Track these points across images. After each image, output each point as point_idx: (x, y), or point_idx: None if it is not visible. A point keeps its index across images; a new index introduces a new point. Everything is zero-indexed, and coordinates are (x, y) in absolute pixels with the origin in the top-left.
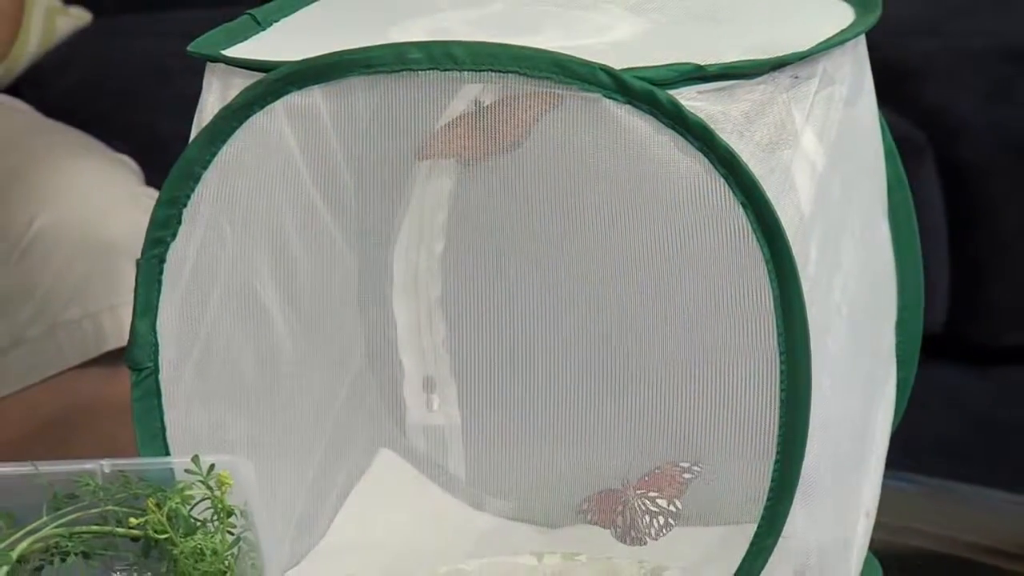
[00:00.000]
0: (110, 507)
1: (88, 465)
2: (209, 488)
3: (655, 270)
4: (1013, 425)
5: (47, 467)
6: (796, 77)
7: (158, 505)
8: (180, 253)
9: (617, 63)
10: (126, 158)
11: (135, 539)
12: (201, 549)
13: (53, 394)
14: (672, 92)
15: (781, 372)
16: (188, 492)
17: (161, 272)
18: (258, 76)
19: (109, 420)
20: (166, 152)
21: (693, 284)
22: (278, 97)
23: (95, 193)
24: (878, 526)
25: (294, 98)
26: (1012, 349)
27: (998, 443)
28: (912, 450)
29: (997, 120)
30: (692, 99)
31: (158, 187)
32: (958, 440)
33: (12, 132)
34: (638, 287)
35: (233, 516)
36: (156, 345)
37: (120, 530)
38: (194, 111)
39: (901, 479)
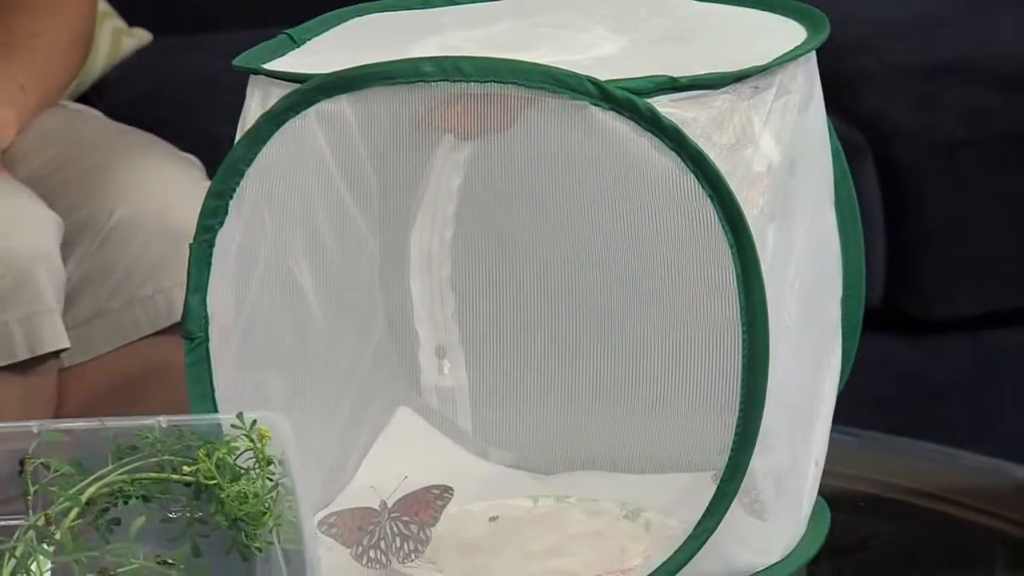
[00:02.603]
0: (166, 457)
1: (147, 421)
2: (251, 440)
3: (634, 253)
4: (940, 386)
5: (112, 422)
6: (756, 87)
7: (208, 455)
8: (227, 238)
9: (602, 75)
10: (191, 156)
11: (188, 484)
12: (245, 493)
13: (129, 359)
14: (649, 100)
15: (743, 341)
16: (233, 444)
17: (211, 255)
18: (293, 87)
19: (177, 382)
20: (216, 153)
21: (667, 265)
22: (311, 105)
23: (166, 187)
24: (826, 474)
25: (325, 105)
26: (940, 321)
27: (928, 402)
28: (855, 408)
29: (924, 126)
30: (666, 106)
31: None
32: (894, 399)
33: (91, 135)
34: (619, 267)
35: (272, 465)
36: (206, 318)
37: (175, 477)
38: (239, 118)
39: (846, 433)
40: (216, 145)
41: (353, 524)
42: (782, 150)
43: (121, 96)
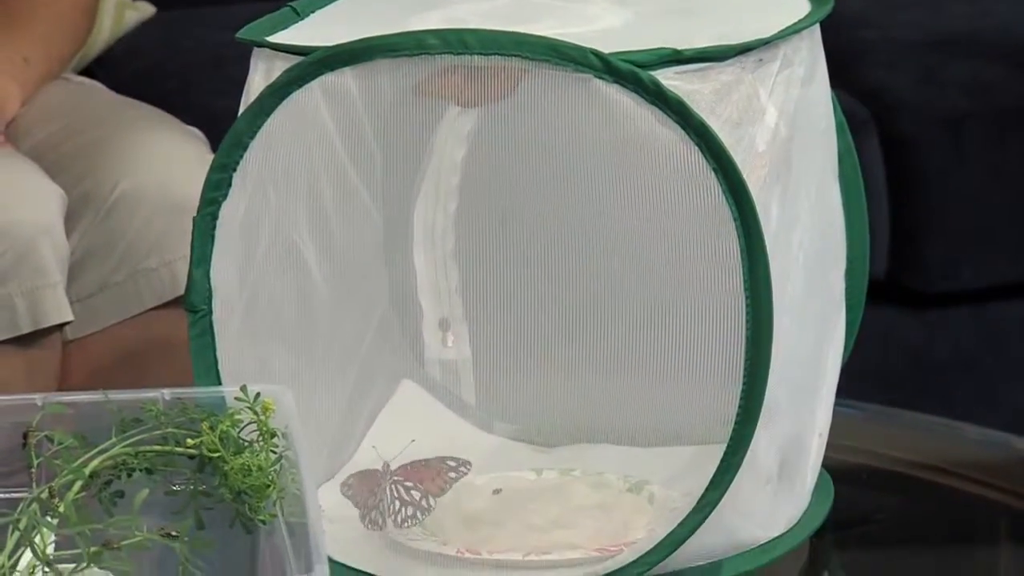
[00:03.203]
0: (170, 430)
1: (151, 394)
2: (255, 413)
3: (638, 225)
4: (943, 359)
5: (116, 395)
6: (760, 60)
7: (211, 428)
8: (231, 211)
9: (606, 48)
10: (195, 130)
11: (191, 457)
12: (248, 466)
13: (133, 332)
14: (653, 73)
15: (747, 313)
16: (237, 417)
17: (214, 228)
18: (297, 59)
19: (182, 355)
20: (220, 126)
21: (671, 238)
22: (314, 77)
23: (170, 160)
24: (829, 446)
25: (328, 78)
26: (942, 295)
27: (931, 375)
28: (858, 381)
29: (928, 99)
30: (670, 79)
31: None
32: (897, 372)
33: (94, 108)
34: (624, 239)
35: (276, 438)
36: (210, 291)
37: (178, 449)
38: (242, 91)
39: (849, 405)
40: (220, 118)
41: (365, 486)
42: (786, 123)
43: (124, 69)
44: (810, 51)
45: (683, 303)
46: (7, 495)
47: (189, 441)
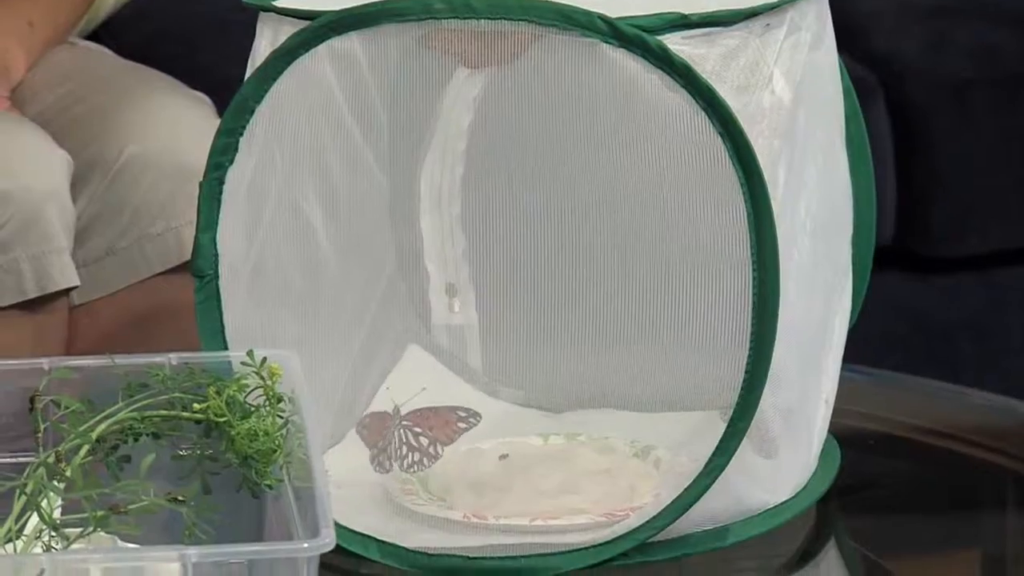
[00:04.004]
0: (177, 394)
1: (158, 358)
2: (262, 378)
3: (644, 192)
4: (948, 324)
5: (122, 360)
6: (767, 25)
7: (218, 393)
8: (237, 176)
9: (612, 13)
10: (201, 94)
11: (198, 422)
12: (255, 430)
13: (140, 297)
14: (660, 37)
15: (753, 279)
16: (244, 382)
17: (221, 193)
18: (304, 24)
19: (188, 320)
20: (226, 91)
21: (678, 204)
22: (321, 42)
23: (177, 125)
24: (836, 412)
25: (335, 43)
26: (949, 260)
27: (937, 340)
28: (865, 346)
29: (935, 64)
30: (677, 44)
31: None
32: (904, 337)
33: (101, 72)
34: (629, 205)
35: (282, 402)
36: (216, 256)
37: (185, 414)
38: (248, 58)
39: (855, 371)
40: (226, 83)
41: (376, 426)
42: (793, 88)
43: (131, 34)
44: (817, 16)
45: (690, 269)
46: (14, 459)
47: (196, 406)
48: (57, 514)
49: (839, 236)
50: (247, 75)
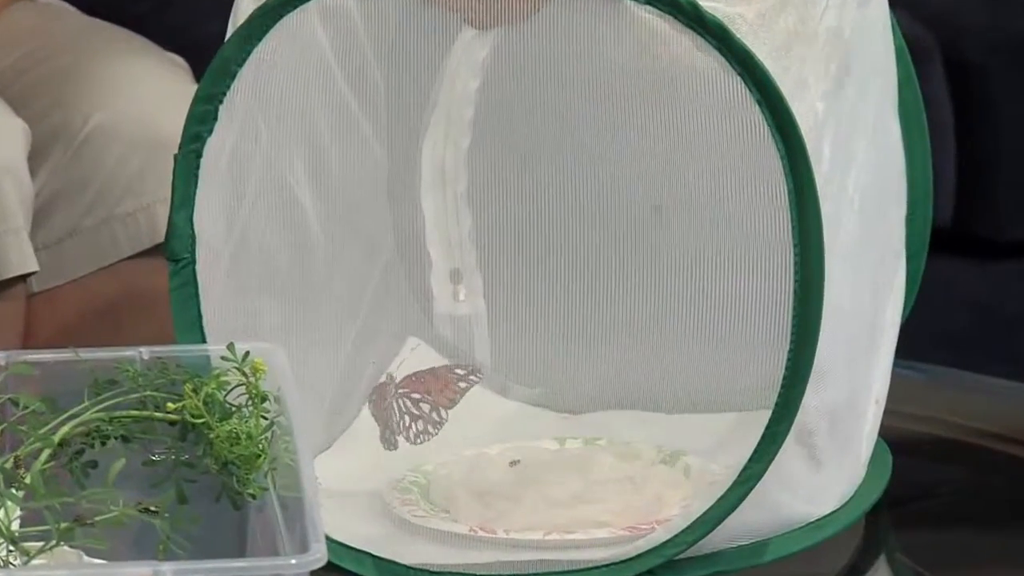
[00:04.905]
0: (149, 393)
1: (127, 352)
2: (244, 374)
3: (671, 165)
4: (1013, 315)
5: (88, 354)
6: None
7: (195, 391)
8: (216, 148)
9: None
10: (176, 57)
11: (172, 423)
12: (236, 433)
13: (107, 283)
14: None
15: (795, 263)
16: (224, 378)
17: (198, 167)
18: None
19: (162, 309)
20: (204, 52)
21: (710, 179)
22: None
23: (149, 90)
24: (887, 413)
25: None
26: (1013, 244)
27: (998, 333)
28: (919, 340)
29: (997, 22)
30: (710, 1)
31: None
32: (963, 330)
33: (65, 32)
34: (656, 181)
35: (267, 402)
36: (193, 237)
37: (158, 415)
38: (228, 15)
39: (910, 367)
40: (204, 44)
41: (380, 400)
42: (840, 50)
43: None
44: None
45: (723, 252)
46: None
47: (170, 405)
48: (15, 526)
49: (891, 215)
50: (228, 34)
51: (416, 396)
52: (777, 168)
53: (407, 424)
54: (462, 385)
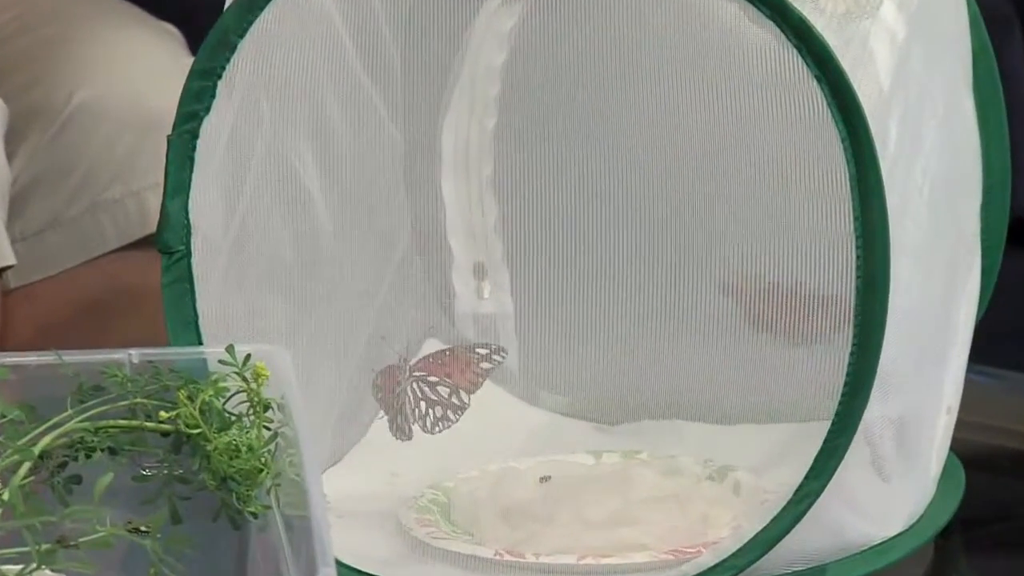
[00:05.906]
0: (139, 400)
1: (116, 355)
2: (244, 380)
3: (720, 148)
4: None
5: (72, 356)
6: None
7: (190, 398)
8: (214, 128)
9: None
10: (169, 26)
11: (165, 434)
12: (236, 445)
13: (93, 278)
14: None
15: (857, 258)
16: (222, 384)
17: (194, 149)
18: None
19: (153, 307)
20: (200, 23)
21: (762, 164)
22: None
23: (139, 64)
24: (960, 425)
25: None
26: None
27: None
28: (996, 343)
29: None
30: None
31: None
32: None
33: (48, 0)
34: (703, 164)
35: (270, 410)
36: (188, 227)
37: (149, 424)
38: None
39: (984, 373)
40: (200, 13)
41: (388, 384)
42: (907, 19)
43: None
44: None
45: (777, 245)
46: None
47: (162, 414)
48: None
49: (964, 205)
50: (227, 2)
51: (433, 379)
52: (837, 151)
53: (424, 411)
54: (484, 366)
